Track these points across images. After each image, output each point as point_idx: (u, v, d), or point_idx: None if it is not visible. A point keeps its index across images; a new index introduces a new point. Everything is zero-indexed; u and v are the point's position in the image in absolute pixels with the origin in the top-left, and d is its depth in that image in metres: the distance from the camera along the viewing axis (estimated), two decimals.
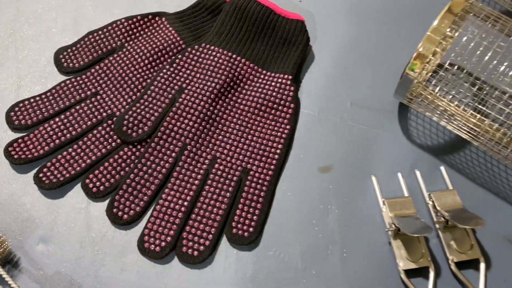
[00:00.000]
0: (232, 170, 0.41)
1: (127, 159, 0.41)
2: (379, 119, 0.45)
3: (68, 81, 0.45)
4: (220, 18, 0.47)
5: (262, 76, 0.46)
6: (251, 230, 0.38)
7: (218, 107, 0.44)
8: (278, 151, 0.42)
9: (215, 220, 0.38)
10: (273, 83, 0.45)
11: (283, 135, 0.43)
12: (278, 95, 0.44)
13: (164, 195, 0.39)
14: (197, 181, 0.40)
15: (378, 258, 0.38)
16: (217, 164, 0.41)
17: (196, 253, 0.37)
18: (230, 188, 0.40)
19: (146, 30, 0.49)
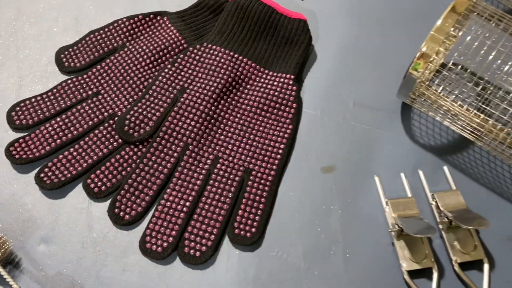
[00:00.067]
0: (234, 170, 0.41)
1: (128, 159, 0.41)
2: (381, 119, 0.44)
3: (69, 81, 0.45)
4: (222, 17, 0.47)
5: (264, 76, 0.46)
6: (253, 231, 0.38)
7: (220, 107, 0.43)
8: (280, 151, 0.42)
9: (217, 221, 0.38)
10: (275, 83, 0.45)
11: (285, 135, 0.43)
12: (280, 94, 0.44)
13: (166, 195, 0.39)
14: (199, 181, 0.40)
15: (381, 259, 0.38)
16: (219, 164, 0.41)
17: (198, 253, 0.37)
18: (232, 188, 0.40)
19: (148, 30, 0.48)
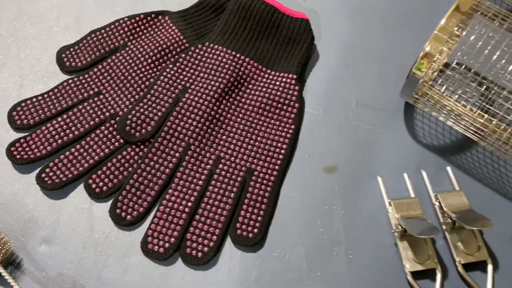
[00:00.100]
0: (236, 171, 0.40)
1: (130, 159, 0.41)
2: (384, 119, 0.44)
3: (70, 81, 0.44)
4: (224, 17, 0.47)
5: (267, 76, 0.45)
6: (255, 231, 0.38)
7: (222, 106, 0.43)
8: (282, 151, 0.42)
9: (219, 221, 0.38)
10: (278, 83, 0.45)
11: (287, 135, 0.42)
12: (283, 94, 0.44)
13: (168, 195, 0.39)
14: (201, 182, 0.40)
15: (384, 260, 0.38)
16: (221, 165, 0.41)
17: (200, 254, 0.37)
18: (234, 189, 0.39)
19: (149, 29, 0.48)
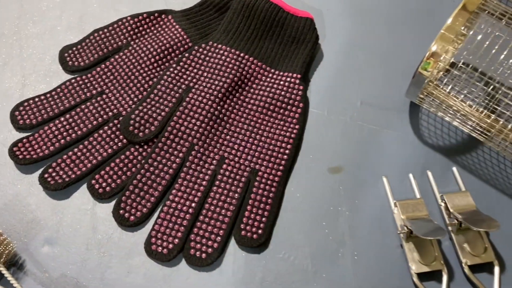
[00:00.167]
0: (240, 171, 0.40)
1: (133, 160, 0.40)
2: (389, 119, 0.44)
3: (73, 80, 0.44)
4: (228, 16, 0.46)
5: (271, 75, 0.45)
6: (260, 232, 0.38)
7: (225, 106, 0.43)
8: (287, 151, 0.41)
9: (223, 222, 0.38)
10: (282, 82, 0.44)
11: (292, 135, 0.42)
12: (287, 94, 0.44)
13: (172, 196, 0.39)
14: (204, 182, 0.39)
15: (390, 261, 0.37)
16: (225, 165, 0.40)
17: (204, 255, 0.36)
18: (238, 189, 0.39)
19: (152, 28, 0.48)
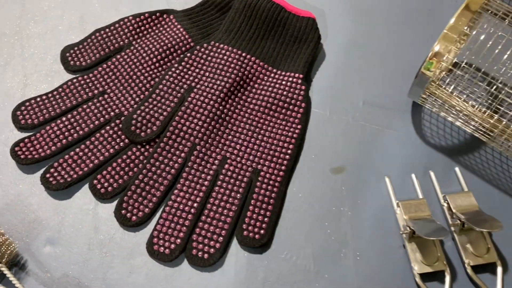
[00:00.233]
0: (242, 171, 0.40)
1: (135, 159, 0.40)
2: (392, 119, 0.44)
3: (75, 80, 0.44)
4: (230, 16, 0.46)
5: (273, 75, 0.45)
6: (262, 233, 0.38)
7: (227, 106, 0.43)
8: (289, 151, 0.41)
9: (226, 222, 0.38)
10: (284, 82, 0.44)
11: (294, 135, 0.42)
12: (289, 94, 0.43)
13: (174, 196, 0.39)
14: (206, 182, 0.39)
15: (392, 262, 0.37)
16: (227, 165, 0.40)
17: (206, 255, 0.36)
18: (241, 189, 0.39)
19: (154, 28, 0.48)
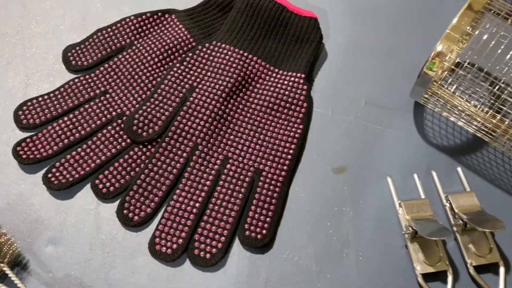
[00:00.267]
0: (244, 171, 0.40)
1: (137, 159, 0.40)
2: (394, 119, 0.44)
3: (76, 80, 0.44)
4: (231, 15, 0.46)
5: (274, 75, 0.45)
6: (264, 233, 0.37)
7: (229, 106, 0.43)
8: (291, 151, 0.41)
9: (228, 222, 0.38)
10: (286, 82, 0.44)
11: (296, 135, 0.42)
12: (291, 94, 0.43)
13: (175, 196, 0.39)
14: (208, 182, 0.39)
15: (394, 262, 0.37)
16: (229, 165, 0.40)
17: (208, 255, 0.36)
18: (242, 189, 0.39)
19: (156, 28, 0.48)
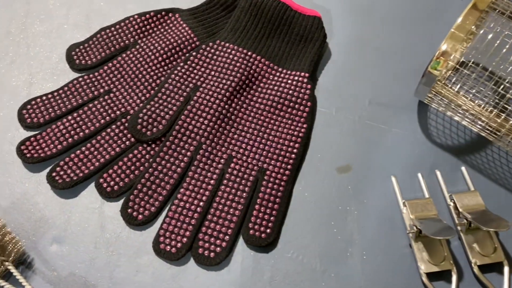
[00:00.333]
0: (248, 170, 0.40)
1: (141, 158, 0.40)
2: (398, 118, 0.44)
3: (80, 79, 0.44)
4: (235, 15, 0.46)
5: (278, 74, 0.45)
6: (268, 232, 0.38)
7: (233, 105, 0.43)
8: (295, 150, 0.41)
9: (232, 221, 0.38)
10: (289, 81, 0.44)
11: (300, 135, 0.42)
12: (295, 93, 0.43)
13: (180, 195, 0.39)
14: (212, 181, 0.39)
15: (398, 261, 0.37)
16: (233, 164, 0.40)
17: (212, 254, 0.36)
18: (246, 188, 0.39)
19: (160, 27, 0.48)
